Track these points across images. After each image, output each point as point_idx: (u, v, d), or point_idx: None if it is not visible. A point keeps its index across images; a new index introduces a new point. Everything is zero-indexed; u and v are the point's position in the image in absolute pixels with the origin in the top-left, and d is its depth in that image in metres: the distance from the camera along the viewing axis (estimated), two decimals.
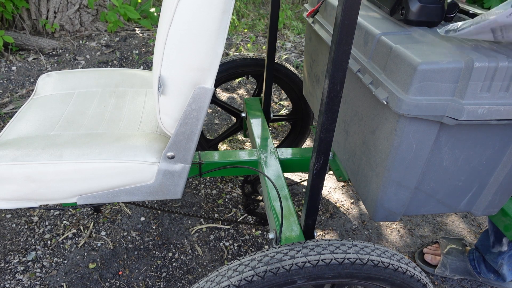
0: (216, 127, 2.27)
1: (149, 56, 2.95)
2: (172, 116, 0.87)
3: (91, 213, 1.67)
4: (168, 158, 0.90)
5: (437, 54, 0.76)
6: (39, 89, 1.19)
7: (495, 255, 1.36)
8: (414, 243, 1.64)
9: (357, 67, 0.93)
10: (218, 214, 1.72)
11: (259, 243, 1.60)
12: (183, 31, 0.75)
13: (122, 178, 0.91)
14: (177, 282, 1.42)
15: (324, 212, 1.76)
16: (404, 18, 0.90)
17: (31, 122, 1.02)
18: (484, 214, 1.00)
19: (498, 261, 1.36)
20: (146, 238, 1.58)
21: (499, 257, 1.35)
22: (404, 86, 0.76)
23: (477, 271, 1.44)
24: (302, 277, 0.78)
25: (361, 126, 0.99)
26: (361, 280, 0.83)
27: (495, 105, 0.75)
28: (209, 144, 1.77)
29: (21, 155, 0.87)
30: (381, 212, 0.96)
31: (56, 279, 1.40)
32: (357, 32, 0.96)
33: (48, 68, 2.76)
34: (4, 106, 2.34)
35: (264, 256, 0.80)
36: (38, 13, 3.05)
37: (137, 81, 1.24)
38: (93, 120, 1.03)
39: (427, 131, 0.81)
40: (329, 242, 0.83)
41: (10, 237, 1.55)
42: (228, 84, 2.69)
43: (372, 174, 0.95)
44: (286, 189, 1.14)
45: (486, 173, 0.92)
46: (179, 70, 0.80)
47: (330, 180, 1.96)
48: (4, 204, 0.91)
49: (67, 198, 0.92)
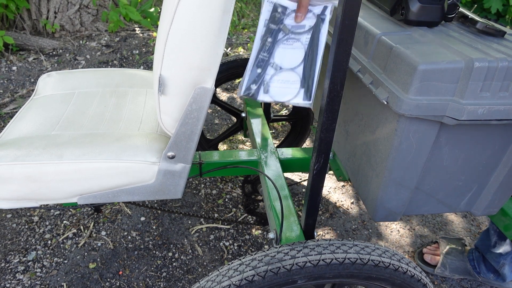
0: (216, 127, 2.27)
1: (149, 56, 2.95)
2: (173, 116, 0.87)
3: (91, 213, 1.67)
4: (168, 158, 0.90)
5: (437, 54, 0.76)
6: (39, 89, 1.19)
7: (496, 255, 1.36)
8: (414, 243, 1.64)
9: (357, 67, 0.93)
10: (218, 214, 1.72)
11: (259, 243, 1.60)
12: (184, 31, 0.75)
13: (123, 178, 0.91)
14: (177, 282, 1.42)
15: (324, 212, 1.76)
16: (404, 18, 0.90)
17: (32, 122, 1.02)
18: (484, 214, 1.00)
19: (500, 261, 1.36)
20: (146, 238, 1.58)
21: (501, 257, 1.35)
22: (404, 86, 0.76)
23: (476, 271, 1.44)
24: (303, 277, 0.78)
25: (361, 126, 0.99)
26: (362, 280, 0.84)
27: (495, 105, 0.75)
28: (209, 144, 1.77)
29: (21, 155, 0.87)
30: (381, 212, 0.96)
31: (56, 279, 1.40)
32: (357, 32, 0.96)
33: (49, 68, 2.76)
34: (4, 106, 2.34)
35: (265, 256, 0.80)
36: (39, 13, 3.05)
37: (138, 81, 1.24)
38: (93, 120, 1.03)
39: (427, 131, 0.81)
40: (330, 242, 0.84)
41: (11, 237, 1.55)
42: (228, 84, 2.69)
43: (372, 174, 0.95)
44: (287, 189, 1.14)
45: (486, 173, 0.92)
46: (179, 70, 0.80)
47: (330, 180, 1.96)
48: (5, 204, 0.91)
49: (67, 198, 0.92)
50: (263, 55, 0.86)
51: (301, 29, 0.86)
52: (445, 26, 0.94)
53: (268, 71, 0.85)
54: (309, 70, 0.84)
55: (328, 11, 0.85)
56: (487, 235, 1.38)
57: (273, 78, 0.86)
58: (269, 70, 0.86)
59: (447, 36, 0.87)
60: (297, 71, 0.85)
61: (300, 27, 0.86)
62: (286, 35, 0.86)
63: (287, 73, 0.85)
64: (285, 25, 0.87)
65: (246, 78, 0.84)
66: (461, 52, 0.77)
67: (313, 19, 0.86)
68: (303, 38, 0.86)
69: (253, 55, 0.85)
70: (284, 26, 0.86)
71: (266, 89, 0.85)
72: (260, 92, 0.85)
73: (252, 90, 0.85)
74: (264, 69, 0.85)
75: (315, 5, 0.85)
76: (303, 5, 0.83)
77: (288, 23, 0.87)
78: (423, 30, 0.89)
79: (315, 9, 0.86)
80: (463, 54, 0.76)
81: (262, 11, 0.87)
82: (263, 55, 0.86)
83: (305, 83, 0.85)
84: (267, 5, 0.86)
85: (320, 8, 0.86)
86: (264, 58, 0.86)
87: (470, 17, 0.93)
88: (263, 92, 0.85)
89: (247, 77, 0.84)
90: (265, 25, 0.86)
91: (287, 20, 0.87)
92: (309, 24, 0.86)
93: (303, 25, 0.86)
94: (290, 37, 0.86)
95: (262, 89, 0.85)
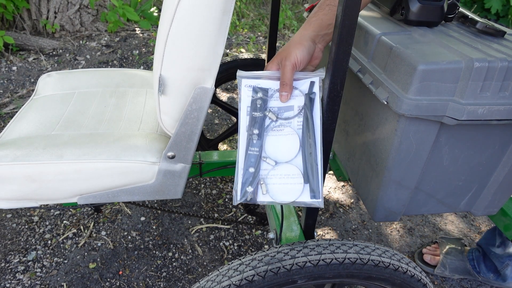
0: (216, 127, 2.27)
1: (149, 56, 2.95)
2: (173, 116, 0.87)
3: (91, 213, 1.67)
4: (168, 158, 0.90)
5: (437, 54, 0.76)
6: (39, 89, 1.19)
7: (501, 255, 1.36)
8: (414, 243, 1.64)
9: (357, 67, 0.93)
10: (218, 214, 1.72)
11: (259, 243, 1.60)
12: (184, 31, 0.75)
13: (123, 178, 0.91)
14: (177, 282, 1.42)
15: (324, 212, 1.76)
16: (404, 18, 0.90)
17: (32, 122, 1.02)
18: (484, 214, 1.01)
19: (505, 261, 1.36)
20: (146, 238, 1.58)
21: (506, 258, 1.35)
22: (404, 86, 0.76)
23: (476, 271, 1.44)
24: (303, 277, 0.78)
25: (361, 126, 0.99)
26: (362, 280, 0.84)
27: (495, 105, 0.75)
28: (209, 144, 1.77)
29: (21, 155, 0.87)
30: (381, 212, 0.96)
31: (56, 278, 1.40)
32: (357, 32, 0.96)
33: (49, 68, 2.76)
34: (4, 106, 2.34)
35: (265, 256, 0.80)
36: (39, 13, 3.05)
37: (138, 81, 1.24)
38: (93, 120, 1.03)
39: (427, 131, 0.81)
40: (330, 242, 0.84)
41: (11, 237, 1.55)
42: (228, 84, 2.69)
43: (372, 174, 0.95)
44: None
45: (486, 173, 0.92)
46: (179, 70, 0.80)
47: (330, 180, 1.96)
48: (5, 204, 0.91)
49: (67, 198, 0.92)
50: (252, 150, 0.73)
51: (290, 111, 0.74)
52: (445, 26, 0.94)
53: (262, 166, 0.73)
54: (310, 161, 0.72)
55: (316, 87, 0.74)
56: (492, 234, 1.38)
57: (270, 173, 0.73)
58: (264, 165, 0.74)
59: (447, 36, 0.87)
60: (296, 164, 0.73)
61: (288, 108, 0.74)
62: (274, 121, 0.74)
63: (285, 167, 0.73)
64: (270, 110, 0.74)
65: (239, 181, 0.73)
66: (461, 52, 0.77)
67: (301, 97, 0.74)
68: (294, 122, 0.74)
69: (241, 153, 0.73)
70: (270, 111, 0.74)
71: (265, 188, 0.73)
72: (258, 194, 0.73)
73: (248, 194, 0.73)
74: (257, 166, 0.73)
75: (300, 79, 0.75)
76: (286, 82, 0.72)
77: (273, 106, 0.75)
78: (423, 30, 0.89)
79: (300, 85, 0.75)
80: (463, 54, 0.76)
81: (241, 98, 0.75)
82: (252, 150, 0.73)
83: (308, 178, 0.72)
84: (246, 90, 0.75)
85: (307, 84, 0.74)
86: (254, 153, 0.74)
87: (470, 17, 0.93)
88: (262, 193, 0.73)
89: (240, 180, 0.73)
90: (248, 114, 0.74)
91: (272, 102, 0.75)
92: (298, 104, 0.74)
93: (291, 106, 0.74)
94: (278, 123, 0.74)
95: (260, 190, 0.73)
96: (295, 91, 0.75)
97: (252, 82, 0.75)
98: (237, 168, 0.73)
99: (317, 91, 0.74)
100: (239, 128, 0.74)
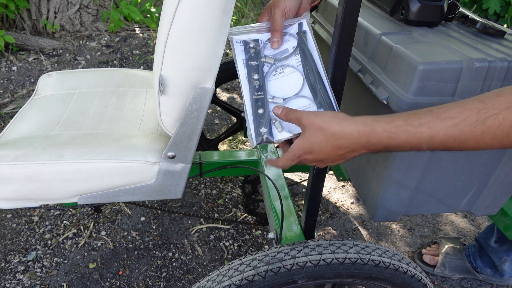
0: (216, 127, 2.27)
1: (149, 56, 2.95)
2: (173, 116, 0.87)
3: (91, 213, 1.67)
4: (168, 158, 0.90)
5: (437, 54, 0.76)
6: (39, 89, 1.19)
7: (499, 250, 1.36)
8: (414, 243, 1.64)
9: (357, 67, 0.93)
10: (218, 214, 1.72)
11: (259, 243, 1.60)
12: (184, 31, 0.75)
13: (123, 178, 0.91)
14: (177, 282, 1.42)
15: (324, 212, 1.76)
16: (404, 18, 0.90)
17: (32, 122, 1.02)
18: (484, 214, 1.01)
19: (502, 257, 1.36)
20: (146, 238, 1.58)
21: (504, 253, 1.35)
22: (404, 86, 0.76)
23: (473, 266, 1.44)
24: (303, 277, 0.78)
25: None
26: (362, 280, 0.84)
27: None
28: (209, 144, 1.77)
29: (21, 155, 0.87)
30: (381, 212, 0.96)
31: (56, 279, 1.40)
32: (358, 32, 0.96)
33: (49, 68, 2.76)
34: (4, 106, 2.34)
35: (265, 256, 0.80)
36: (39, 13, 3.05)
37: (138, 81, 1.24)
38: (93, 120, 1.03)
39: None
40: (330, 242, 0.84)
41: (11, 237, 1.55)
42: (228, 84, 2.69)
43: (372, 174, 0.95)
44: (287, 189, 1.14)
45: (486, 173, 0.92)
46: (179, 70, 0.80)
47: (330, 180, 1.96)
48: (5, 204, 0.91)
49: (67, 198, 0.92)
50: (257, 95, 0.75)
51: (286, 54, 0.77)
52: (445, 26, 0.94)
53: (271, 107, 0.74)
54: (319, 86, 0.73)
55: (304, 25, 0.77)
56: (492, 229, 1.38)
57: None
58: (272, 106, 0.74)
59: (447, 36, 0.87)
60: (304, 94, 0.74)
61: (282, 53, 0.77)
62: (273, 65, 0.77)
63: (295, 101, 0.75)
64: (266, 56, 0.77)
65: (251, 125, 0.73)
66: (461, 52, 0.77)
67: (294, 39, 0.78)
68: (292, 61, 0.77)
69: (247, 100, 0.74)
70: (266, 57, 0.77)
71: (279, 126, 0.73)
72: (275, 133, 0.73)
73: (264, 134, 0.72)
74: (265, 107, 0.74)
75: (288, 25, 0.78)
76: (277, 28, 0.75)
77: (269, 53, 0.78)
78: (423, 30, 0.89)
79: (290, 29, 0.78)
80: (463, 54, 0.76)
81: (235, 53, 0.77)
82: (257, 95, 0.75)
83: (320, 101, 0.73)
84: (238, 46, 0.78)
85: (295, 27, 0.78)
86: (259, 96, 0.75)
87: (470, 17, 0.93)
88: (278, 131, 0.73)
89: (251, 123, 0.73)
90: (245, 65, 0.77)
91: (267, 51, 0.78)
92: (291, 45, 0.77)
93: (285, 50, 0.77)
94: (277, 65, 0.77)
95: (275, 128, 0.73)
96: (285, 36, 0.77)
97: (243, 37, 0.79)
98: (247, 115, 0.74)
99: (307, 29, 0.77)
100: (240, 80, 0.76)
